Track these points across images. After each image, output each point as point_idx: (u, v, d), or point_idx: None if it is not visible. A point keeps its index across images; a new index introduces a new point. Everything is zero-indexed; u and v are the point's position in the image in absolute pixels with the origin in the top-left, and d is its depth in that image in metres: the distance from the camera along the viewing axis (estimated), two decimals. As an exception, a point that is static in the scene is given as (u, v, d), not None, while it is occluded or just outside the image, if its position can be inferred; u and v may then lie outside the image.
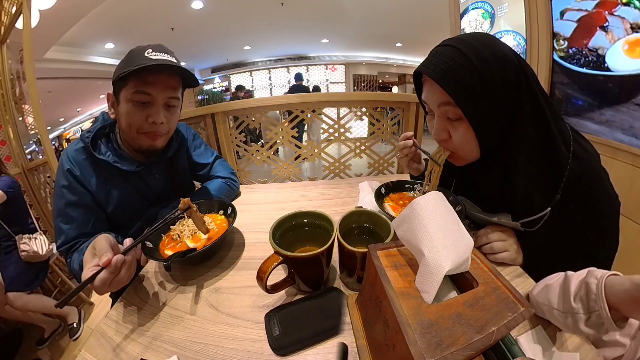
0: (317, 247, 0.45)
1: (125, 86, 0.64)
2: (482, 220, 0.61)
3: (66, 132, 6.66)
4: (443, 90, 0.49)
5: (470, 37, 0.50)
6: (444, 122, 0.54)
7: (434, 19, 3.86)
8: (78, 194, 0.68)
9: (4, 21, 1.76)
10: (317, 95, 1.70)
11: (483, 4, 1.77)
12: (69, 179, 0.68)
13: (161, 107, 0.68)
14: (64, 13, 3.26)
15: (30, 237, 1.42)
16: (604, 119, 1.20)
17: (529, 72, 0.49)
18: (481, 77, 0.46)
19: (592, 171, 0.52)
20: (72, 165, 0.68)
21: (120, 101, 0.66)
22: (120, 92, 0.65)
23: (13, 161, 1.82)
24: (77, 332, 1.55)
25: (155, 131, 0.69)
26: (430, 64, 0.50)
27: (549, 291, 0.41)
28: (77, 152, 0.70)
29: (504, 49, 0.48)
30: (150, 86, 0.64)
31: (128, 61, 0.64)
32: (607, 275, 0.34)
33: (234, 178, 0.94)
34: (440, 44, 0.52)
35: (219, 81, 7.79)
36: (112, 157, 0.70)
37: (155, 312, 0.51)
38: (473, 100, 0.48)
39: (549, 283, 0.42)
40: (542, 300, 0.41)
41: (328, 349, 0.42)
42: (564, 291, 0.38)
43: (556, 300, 0.39)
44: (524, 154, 0.51)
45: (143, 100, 0.65)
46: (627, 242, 0.55)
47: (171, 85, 0.68)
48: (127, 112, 0.66)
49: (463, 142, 0.53)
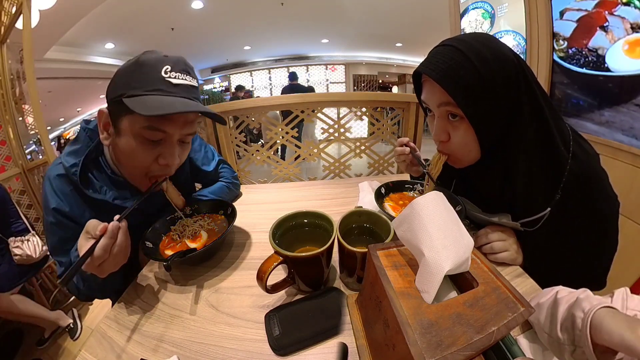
0: (317, 247, 0.45)
1: (131, 114, 0.49)
2: (482, 221, 0.61)
3: (66, 132, 6.66)
4: (443, 90, 0.49)
5: (470, 37, 0.50)
6: (444, 122, 0.54)
7: (434, 19, 3.86)
8: (71, 230, 0.56)
9: (4, 21, 1.76)
10: (317, 95, 1.70)
11: (483, 4, 1.77)
12: (58, 217, 0.56)
13: (176, 144, 0.55)
14: (64, 13, 3.27)
15: (22, 240, 1.38)
16: (603, 119, 1.20)
17: (528, 73, 0.49)
18: (481, 77, 0.46)
19: (592, 172, 0.52)
20: (58, 200, 0.56)
21: (120, 131, 0.52)
22: (122, 119, 0.51)
23: (13, 161, 1.82)
24: (76, 332, 1.55)
25: (166, 174, 0.58)
26: (430, 64, 0.50)
27: (539, 310, 0.40)
28: (62, 183, 0.57)
29: (503, 49, 0.49)
30: (167, 123, 0.51)
31: (138, 77, 0.49)
32: (594, 310, 0.32)
33: (236, 182, 0.93)
34: (440, 44, 0.52)
35: (219, 81, 7.79)
36: (110, 194, 0.59)
37: (155, 312, 0.51)
38: (473, 100, 0.48)
39: (541, 302, 0.40)
40: (532, 318, 0.40)
41: (328, 349, 0.42)
42: (552, 316, 0.37)
43: (544, 322, 0.38)
44: (524, 154, 0.51)
45: (155, 138, 0.52)
46: (627, 242, 0.55)
47: (190, 119, 0.55)
48: (131, 149, 0.52)
49: (462, 143, 0.53)
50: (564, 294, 0.38)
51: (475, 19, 1.83)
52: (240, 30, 5.23)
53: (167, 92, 0.50)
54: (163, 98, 0.49)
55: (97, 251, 0.42)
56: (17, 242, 1.36)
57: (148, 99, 0.48)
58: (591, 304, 0.33)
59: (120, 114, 0.51)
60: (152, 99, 0.49)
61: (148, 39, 4.67)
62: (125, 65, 0.52)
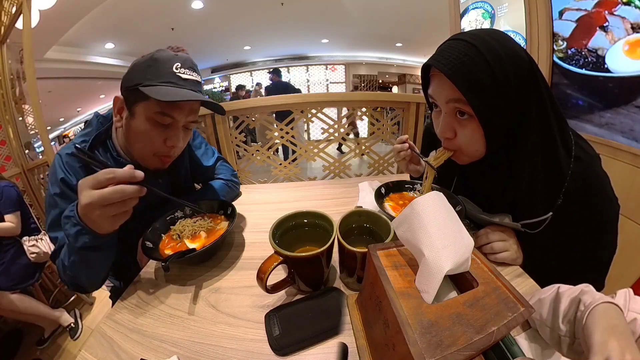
0: (317, 247, 0.45)
1: (145, 100, 0.58)
2: (483, 221, 0.61)
3: (66, 132, 6.66)
4: (453, 86, 0.47)
5: (484, 32, 0.48)
6: (452, 119, 0.52)
7: (433, 19, 3.86)
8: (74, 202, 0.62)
9: (4, 21, 1.76)
10: (317, 95, 1.70)
11: (483, 4, 1.77)
12: (63, 187, 0.61)
13: (181, 129, 0.64)
14: (64, 13, 3.26)
15: (36, 239, 1.42)
16: (603, 121, 1.20)
17: (539, 75, 0.48)
18: (494, 76, 0.45)
19: (593, 175, 0.52)
20: (66, 173, 0.62)
21: (134, 114, 0.60)
22: (137, 105, 0.59)
23: (13, 161, 1.82)
24: (77, 332, 1.55)
25: (171, 155, 0.65)
26: (442, 58, 0.48)
27: (541, 305, 0.39)
28: (72, 160, 0.63)
29: (517, 49, 0.47)
30: (176, 110, 0.60)
31: (153, 71, 0.58)
32: (595, 304, 0.32)
33: (235, 180, 0.93)
34: (451, 37, 0.51)
35: (219, 81, 7.78)
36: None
37: (155, 312, 0.51)
38: (485, 99, 0.46)
39: (542, 297, 0.40)
40: (535, 315, 0.40)
41: (328, 349, 0.42)
42: (554, 308, 0.37)
43: (547, 316, 0.38)
44: (528, 156, 0.51)
45: (165, 122, 0.60)
46: (627, 242, 0.55)
47: (195, 109, 0.65)
48: (144, 130, 0.60)
49: (469, 141, 0.52)
50: (565, 289, 0.38)
51: (475, 19, 1.83)
52: (240, 30, 5.22)
53: (177, 84, 0.59)
54: (174, 89, 0.58)
55: (109, 190, 0.43)
56: (32, 241, 1.40)
57: (162, 89, 0.57)
58: (593, 298, 0.33)
59: (135, 100, 0.59)
60: (165, 89, 0.57)
61: (148, 39, 4.67)
62: (142, 60, 0.60)
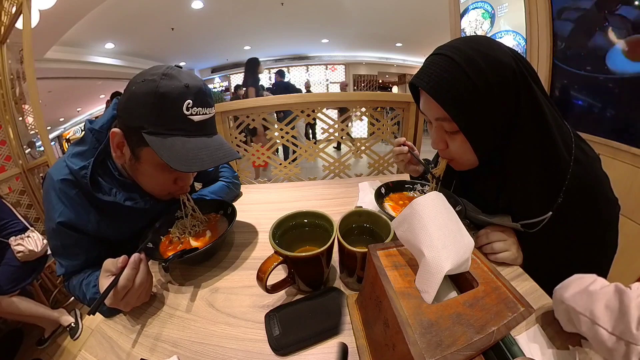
0: (317, 247, 0.45)
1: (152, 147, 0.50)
2: (482, 221, 0.61)
3: (66, 132, 6.66)
4: (438, 105, 0.48)
5: (466, 44, 0.48)
6: (442, 133, 0.54)
7: (434, 19, 3.86)
8: (74, 237, 0.58)
9: (4, 21, 1.75)
10: (317, 95, 1.70)
11: (483, 4, 1.77)
12: (60, 227, 0.56)
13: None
14: (64, 13, 3.26)
15: (22, 237, 1.39)
16: (603, 121, 1.20)
17: (528, 75, 0.47)
18: (476, 89, 0.45)
19: (593, 176, 0.52)
20: (63, 207, 0.56)
21: (139, 158, 0.54)
22: (142, 149, 0.52)
23: (13, 161, 1.82)
24: (77, 332, 1.55)
25: (183, 192, 0.63)
26: (424, 76, 0.49)
27: (592, 301, 0.34)
28: (67, 186, 0.56)
29: (500, 56, 0.46)
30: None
31: (159, 113, 0.48)
32: None
33: (236, 181, 0.94)
34: (434, 52, 0.51)
35: (219, 81, 7.77)
36: (121, 196, 0.59)
37: (155, 312, 0.51)
38: (468, 114, 0.47)
39: (591, 289, 0.35)
40: (582, 309, 0.35)
41: (328, 349, 0.42)
42: (620, 311, 0.32)
43: (604, 316, 0.33)
44: (523, 160, 0.51)
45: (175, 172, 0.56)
46: (627, 242, 0.55)
47: None
48: (152, 174, 0.57)
49: (460, 152, 0.54)
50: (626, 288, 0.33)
51: (475, 19, 1.84)
52: (240, 30, 5.22)
53: (189, 132, 0.51)
54: (186, 142, 0.50)
55: (122, 281, 0.44)
56: (18, 240, 1.38)
57: (172, 143, 0.49)
58: None
59: (139, 144, 0.52)
60: (176, 145, 0.49)
61: (148, 39, 4.67)
62: (144, 92, 0.48)
